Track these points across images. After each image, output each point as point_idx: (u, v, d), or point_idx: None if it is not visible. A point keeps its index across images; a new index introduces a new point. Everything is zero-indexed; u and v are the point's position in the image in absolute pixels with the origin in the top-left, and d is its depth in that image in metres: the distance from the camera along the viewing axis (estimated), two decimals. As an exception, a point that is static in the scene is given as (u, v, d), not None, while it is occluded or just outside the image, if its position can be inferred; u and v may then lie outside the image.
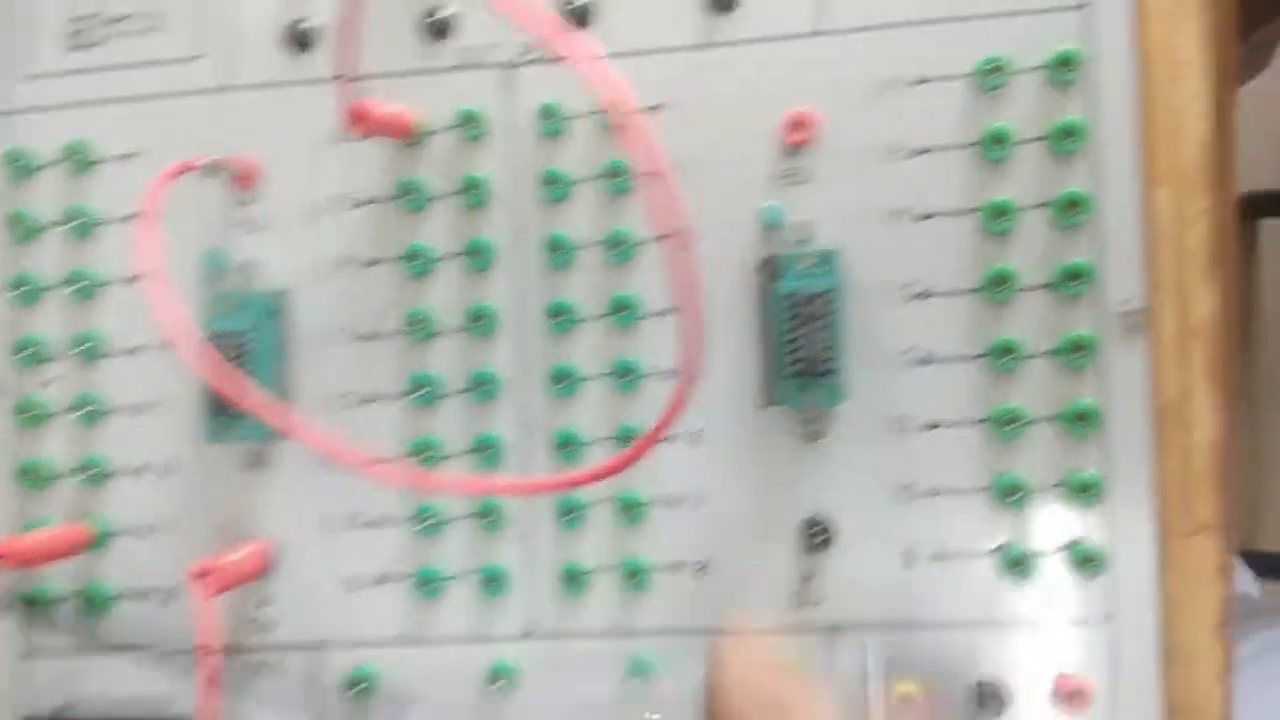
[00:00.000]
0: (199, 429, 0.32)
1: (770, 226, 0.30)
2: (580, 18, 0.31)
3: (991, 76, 0.29)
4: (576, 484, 0.24)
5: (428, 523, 0.32)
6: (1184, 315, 0.30)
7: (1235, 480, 0.31)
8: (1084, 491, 0.30)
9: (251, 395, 0.28)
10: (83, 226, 0.34)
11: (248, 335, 0.31)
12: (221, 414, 0.31)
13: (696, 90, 0.31)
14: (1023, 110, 0.30)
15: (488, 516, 0.32)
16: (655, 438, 0.21)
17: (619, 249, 0.31)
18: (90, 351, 0.34)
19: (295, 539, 0.33)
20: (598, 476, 0.23)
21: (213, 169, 0.30)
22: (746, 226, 0.31)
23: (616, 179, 0.31)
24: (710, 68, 0.31)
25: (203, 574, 0.30)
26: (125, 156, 0.34)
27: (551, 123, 0.31)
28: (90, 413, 0.34)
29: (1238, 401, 0.31)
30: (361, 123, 0.27)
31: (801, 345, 0.29)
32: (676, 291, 0.20)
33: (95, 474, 0.34)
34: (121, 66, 0.34)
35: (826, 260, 0.30)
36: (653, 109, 0.31)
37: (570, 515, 0.32)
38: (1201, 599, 0.30)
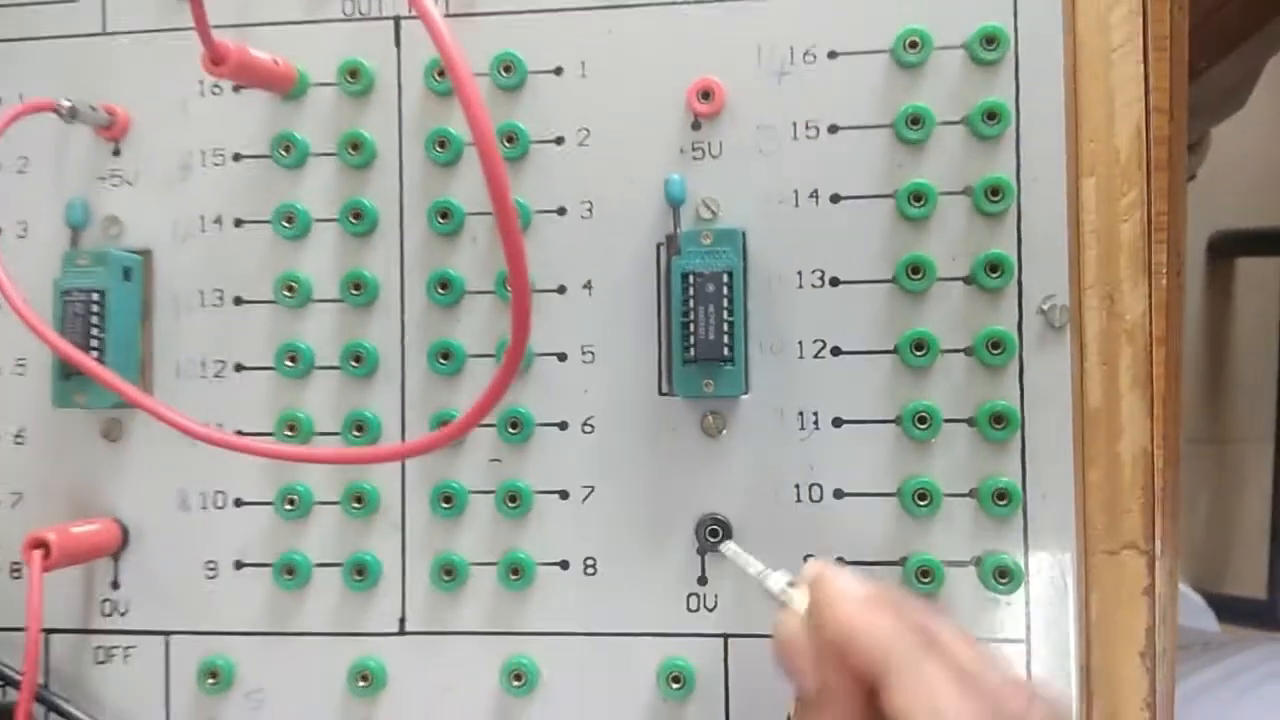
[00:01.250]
0: (46, 393, 0.30)
1: (673, 201, 0.28)
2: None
3: (911, 52, 0.28)
4: (380, 459, 0.21)
5: (293, 507, 0.29)
6: (1112, 315, 0.28)
7: (1174, 500, 0.29)
8: (1000, 500, 0.27)
9: (89, 361, 0.26)
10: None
11: (104, 295, 0.28)
12: (69, 377, 0.29)
13: (602, 53, 0.29)
14: (943, 89, 0.28)
15: (359, 503, 0.29)
16: (476, 419, 0.19)
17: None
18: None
19: (150, 517, 0.30)
20: (410, 453, 0.21)
21: (72, 113, 0.28)
22: (651, 201, 0.29)
23: (513, 144, 0.29)
24: (617, 30, 0.29)
25: (37, 544, 0.27)
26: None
27: (443, 81, 0.29)
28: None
29: (1175, 418, 0.29)
30: (222, 65, 0.25)
31: (699, 328, 0.27)
32: (509, 270, 0.18)
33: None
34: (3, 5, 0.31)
35: (729, 239, 0.28)
36: (555, 71, 0.29)
37: (448, 504, 0.29)
38: (1125, 621, 0.28)
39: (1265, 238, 1.15)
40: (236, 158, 0.30)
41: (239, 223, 0.30)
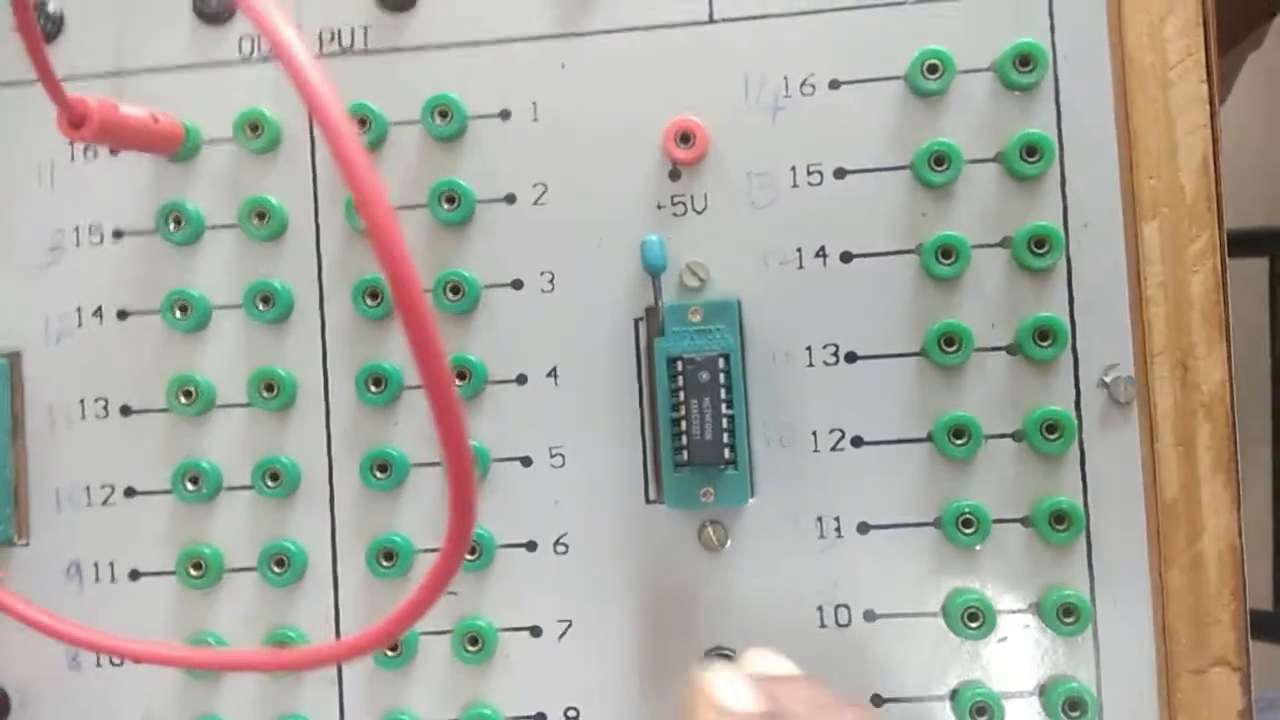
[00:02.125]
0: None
1: (652, 268, 0.23)
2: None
3: (930, 78, 0.23)
4: (317, 662, 0.16)
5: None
6: (1187, 386, 0.23)
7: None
8: (1066, 617, 0.23)
9: None
10: None
11: (-43, 412, 0.23)
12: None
13: (556, 92, 0.24)
14: (971, 121, 0.23)
15: (289, 642, 0.24)
16: (414, 616, 0.14)
17: (457, 298, 0.24)
18: None
19: (36, 681, 0.25)
20: (350, 654, 0.15)
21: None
22: (624, 268, 0.24)
23: (454, 206, 0.24)
24: (573, 63, 0.24)
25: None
26: None
27: (364, 132, 0.24)
28: None
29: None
30: (83, 128, 0.20)
31: (692, 427, 0.22)
32: (439, 424, 0.12)
33: None
34: None
35: (723, 314, 0.23)
36: (501, 115, 0.24)
37: (394, 654, 0.24)
38: (1218, 753, 0.23)
39: (1253, 238, 1.12)
40: (117, 235, 0.24)
41: (123, 315, 0.24)
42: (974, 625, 0.23)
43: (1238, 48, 0.67)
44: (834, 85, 0.23)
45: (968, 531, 0.23)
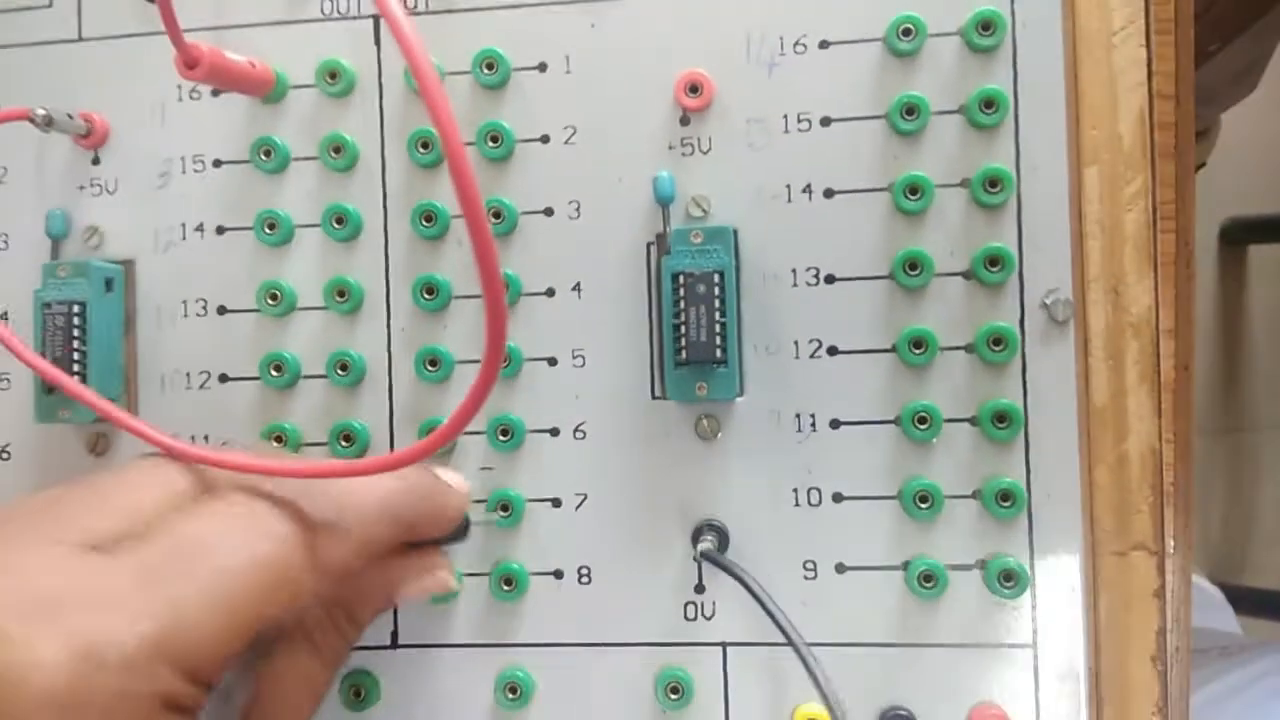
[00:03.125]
0: (30, 408, 0.29)
1: (662, 200, 0.28)
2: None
3: (904, 40, 0.27)
4: (366, 472, 0.21)
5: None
6: (1117, 309, 0.27)
7: (1186, 496, 0.28)
8: (1004, 502, 0.27)
9: (69, 381, 0.25)
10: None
11: (85, 307, 0.28)
12: (52, 391, 0.28)
13: (586, 48, 0.28)
14: (939, 78, 0.27)
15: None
16: (454, 431, 0.18)
17: (499, 221, 0.28)
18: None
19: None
20: (395, 464, 0.20)
21: (47, 122, 0.27)
22: (640, 199, 0.28)
23: (497, 144, 0.28)
24: (600, 24, 0.28)
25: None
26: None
27: (426, 80, 0.28)
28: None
29: (1187, 412, 0.28)
30: (196, 69, 0.25)
31: (690, 330, 0.27)
32: (481, 275, 0.17)
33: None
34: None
35: (720, 238, 0.27)
36: (539, 68, 0.28)
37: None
38: (1135, 625, 0.27)
39: (1276, 224, 1.13)
40: (217, 164, 0.29)
41: (220, 230, 0.29)
42: (924, 506, 0.27)
43: (1261, 28, 0.67)
44: (823, 45, 0.27)
45: (922, 428, 0.27)
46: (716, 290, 0.26)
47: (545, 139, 0.28)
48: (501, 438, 0.28)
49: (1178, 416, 0.27)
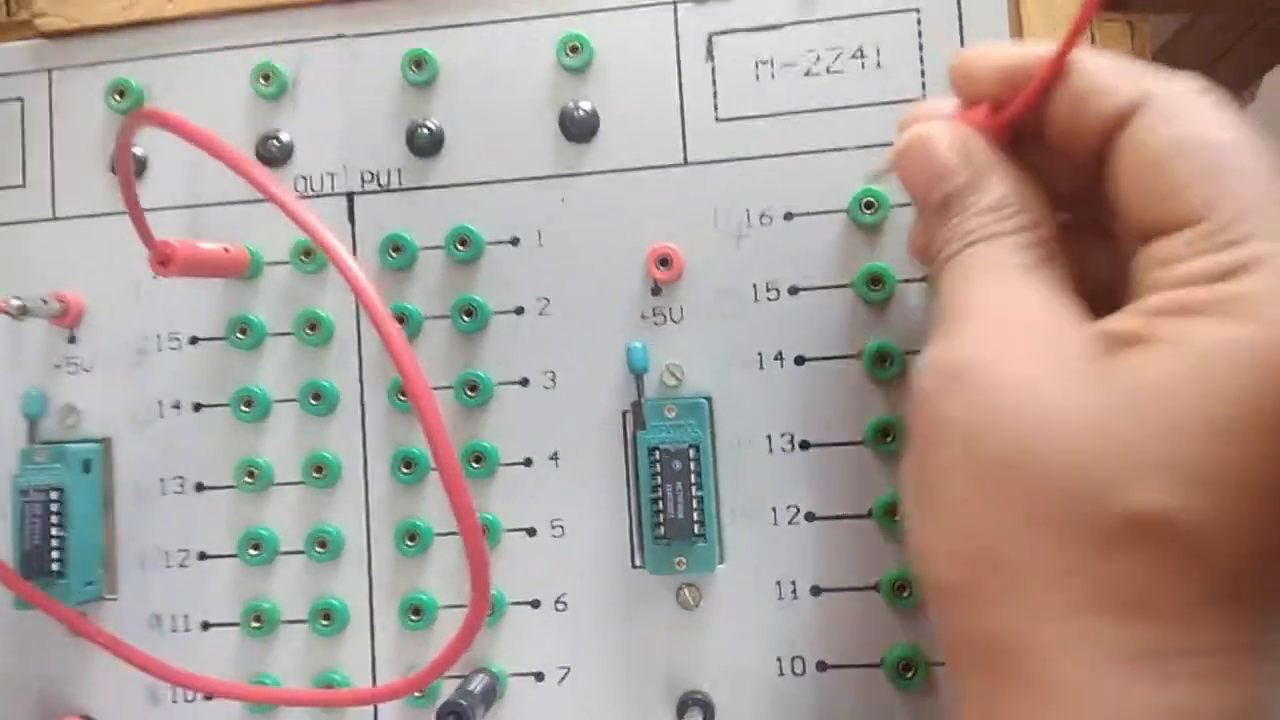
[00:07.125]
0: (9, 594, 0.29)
1: (636, 370, 0.28)
2: (431, 146, 0.29)
3: (867, 213, 0.27)
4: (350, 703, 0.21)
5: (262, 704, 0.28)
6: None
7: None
8: (987, 667, 0.27)
9: (47, 599, 0.25)
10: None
11: (64, 491, 0.28)
12: (31, 579, 0.28)
13: (557, 222, 0.29)
14: (902, 248, 0.27)
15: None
16: (440, 671, 0.18)
17: (474, 394, 0.28)
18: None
19: (120, 714, 0.29)
20: (383, 698, 0.20)
21: (22, 311, 0.27)
22: (614, 368, 0.28)
23: (472, 317, 0.28)
24: (571, 198, 0.29)
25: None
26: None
27: (399, 257, 0.29)
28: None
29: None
30: (169, 265, 0.25)
31: (668, 507, 0.27)
32: (462, 532, 0.17)
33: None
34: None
35: (694, 412, 0.27)
36: (512, 242, 0.29)
37: (419, 696, 0.28)
38: None
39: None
40: (193, 341, 0.29)
41: (197, 407, 0.29)
42: (909, 675, 0.27)
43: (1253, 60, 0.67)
44: (788, 217, 0.28)
45: (903, 596, 0.27)
46: (692, 465, 0.27)
47: (520, 310, 0.29)
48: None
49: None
